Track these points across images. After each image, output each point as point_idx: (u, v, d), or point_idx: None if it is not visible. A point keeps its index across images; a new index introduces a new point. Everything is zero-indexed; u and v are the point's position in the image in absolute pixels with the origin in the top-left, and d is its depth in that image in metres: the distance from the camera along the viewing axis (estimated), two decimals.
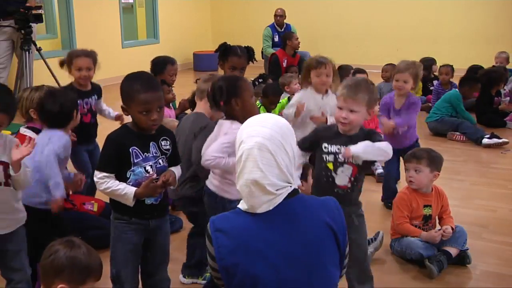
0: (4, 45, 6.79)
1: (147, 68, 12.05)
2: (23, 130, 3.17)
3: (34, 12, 6.46)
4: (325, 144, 2.56)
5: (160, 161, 2.40)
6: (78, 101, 3.60)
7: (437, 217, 3.38)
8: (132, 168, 2.33)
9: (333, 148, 2.54)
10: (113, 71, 9.23)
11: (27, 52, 6.66)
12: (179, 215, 3.80)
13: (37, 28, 7.18)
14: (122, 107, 2.36)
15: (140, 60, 10.19)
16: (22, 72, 6.86)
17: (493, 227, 3.74)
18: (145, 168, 2.35)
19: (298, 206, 1.74)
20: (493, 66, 7.34)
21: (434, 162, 3.27)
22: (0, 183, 2.38)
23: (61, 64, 3.82)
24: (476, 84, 6.33)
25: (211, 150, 2.52)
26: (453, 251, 3.20)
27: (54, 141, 2.81)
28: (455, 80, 7.36)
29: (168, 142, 2.45)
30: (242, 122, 1.90)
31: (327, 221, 1.73)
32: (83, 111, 3.59)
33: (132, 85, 2.32)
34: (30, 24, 6.48)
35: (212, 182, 2.64)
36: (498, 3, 9.66)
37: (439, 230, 3.23)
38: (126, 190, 2.30)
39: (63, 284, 1.70)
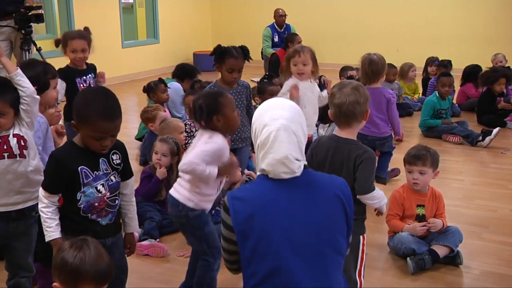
0: (2, 45, 6.78)
1: (146, 67, 11.97)
2: None
3: (34, 12, 6.45)
4: None
5: (112, 177, 2.26)
6: (77, 79, 3.77)
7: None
8: (83, 189, 2.18)
9: None
10: (113, 71, 9.22)
11: (27, 52, 6.65)
12: None
13: (37, 28, 7.18)
14: (72, 123, 2.18)
15: (140, 60, 10.24)
16: None
17: (493, 227, 3.74)
18: (96, 188, 2.20)
19: (311, 178, 1.88)
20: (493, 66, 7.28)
21: (436, 161, 3.33)
22: (16, 155, 2.37)
23: (56, 43, 3.86)
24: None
25: (190, 156, 2.48)
26: (443, 250, 3.17)
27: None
28: (455, 80, 7.34)
29: (118, 156, 2.29)
30: (224, 135, 2.28)
31: (337, 193, 1.87)
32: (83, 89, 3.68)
33: (91, 107, 2.13)
34: (30, 24, 6.48)
35: (177, 190, 2.58)
36: (498, 3, 9.65)
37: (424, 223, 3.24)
38: (51, 233, 2.14)
39: (57, 284, 1.77)
